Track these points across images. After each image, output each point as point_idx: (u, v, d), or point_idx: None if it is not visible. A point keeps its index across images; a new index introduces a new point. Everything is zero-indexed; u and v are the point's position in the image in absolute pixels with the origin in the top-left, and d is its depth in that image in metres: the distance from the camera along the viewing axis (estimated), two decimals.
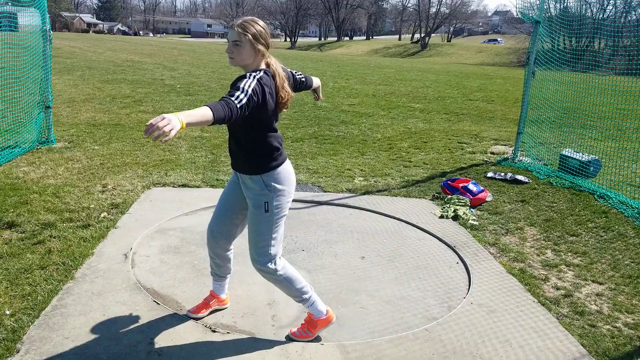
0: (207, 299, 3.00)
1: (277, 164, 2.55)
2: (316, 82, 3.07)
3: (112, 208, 4.54)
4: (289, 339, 2.78)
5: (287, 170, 2.61)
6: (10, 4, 6.08)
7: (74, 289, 3.12)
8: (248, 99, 2.24)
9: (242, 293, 3.25)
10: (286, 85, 2.52)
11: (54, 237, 3.82)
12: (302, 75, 2.92)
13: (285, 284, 2.66)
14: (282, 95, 2.48)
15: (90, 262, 3.49)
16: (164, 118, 1.92)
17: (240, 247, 3.92)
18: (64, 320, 2.78)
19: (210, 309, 2.98)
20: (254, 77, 2.35)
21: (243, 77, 2.35)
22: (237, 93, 2.24)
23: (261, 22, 2.46)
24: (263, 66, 2.48)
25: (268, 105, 2.40)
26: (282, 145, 2.61)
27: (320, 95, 3.16)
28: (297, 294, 2.70)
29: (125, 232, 4.04)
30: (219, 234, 2.79)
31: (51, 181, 5.14)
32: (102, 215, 4.35)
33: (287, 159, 2.65)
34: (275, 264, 2.61)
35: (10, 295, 2.99)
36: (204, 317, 2.93)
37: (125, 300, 3.04)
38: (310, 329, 2.77)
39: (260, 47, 2.42)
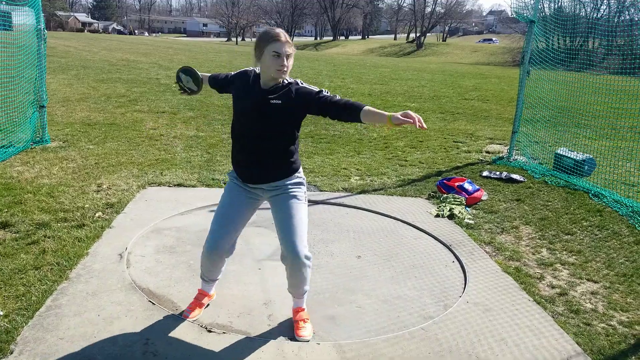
0: (197, 297, 2.99)
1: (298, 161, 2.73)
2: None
3: (107, 208, 4.53)
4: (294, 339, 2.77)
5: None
6: (4, 2, 6.04)
7: (68, 289, 3.11)
8: None
9: (238, 293, 3.24)
10: None
11: (49, 237, 3.80)
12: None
13: (309, 273, 2.71)
14: None
15: (85, 262, 3.48)
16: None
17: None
18: (59, 321, 2.77)
19: (204, 307, 3.00)
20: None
21: (305, 87, 2.56)
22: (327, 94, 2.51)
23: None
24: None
25: None
26: None
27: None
28: (302, 290, 2.79)
29: (120, 232, 4.02)
30: (225, 250, 2.77)
31: (45, 181, 5.11)
32: (97, 215, 4.33)
33: None
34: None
35: (4, 296, 2.97)
36: (199, 317, 2.92)
37: (121, 300, 3.03)
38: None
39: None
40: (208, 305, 3.04)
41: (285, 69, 2.48)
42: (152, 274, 3.40)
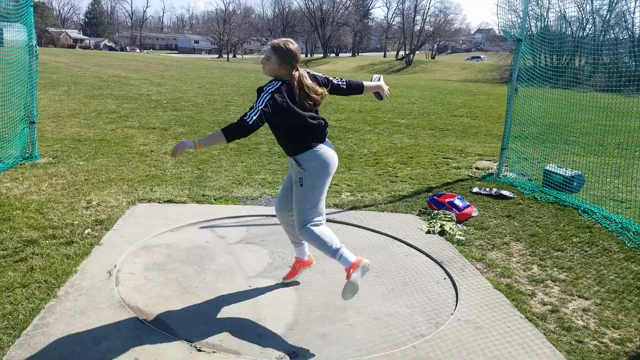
0: (294, 265, 3.65)
1: (307, 147, 3.09)
2: (368, 84, 3.45)
3: (96, 224, 4.48)
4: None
5: (320, 152, 3.12)
6: None
7: (56, 308, 3.06)
8: (259, 116, 2.90)
9: (228, 311, 3.20)
10: (311, 88, 3.09)
11: (37, 254, 3.75)
12: (343, 81, 3.38)
13: (319, 233, 3.15)
14: (306, 95, 3.07)
15: (73, 279, 3.43)
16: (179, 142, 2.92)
17: (226, 264, 3.89)
18: (46, 340, 2.72)
19: (300, 271, 3.66)
20: (269, 91, 2.98)
21: (261, 89, 3.01)
22: (249, 112, 2.92)
23: (292, 44, 3.09)
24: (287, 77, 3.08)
25: (283, 110, 2.98)
26: (318, 132, 3.14)
27: (384, 92, 3.52)
28: (328, 252, 3.15)
29: (110, 249, 3.98)
30: (279, 209, 3.47)
31: (34, 197, 5.06)
32: (86, 231, 4.29)
33: (324, 144, 3.17)
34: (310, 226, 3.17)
35: None
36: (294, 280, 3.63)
37: (109, 319, 2.99)
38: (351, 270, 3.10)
39: (284, 63, 3.05)
40: (286, 284, 3.63)
41: (263, 67, 3.13)
42: (141, 292, 3.36)
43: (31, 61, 6.26)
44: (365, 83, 3.43)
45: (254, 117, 2.88)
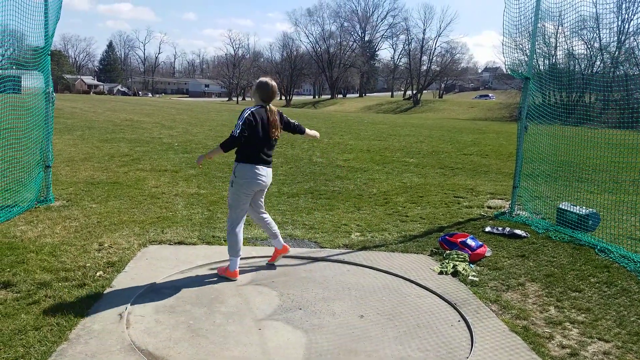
0: (274, 254, 4.82)
1: (243, 161, 4.24)
2: (309, 131, 4.77)
3: (108, 267, 4.49)
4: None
5: (246, 167, 4.24)
6: (15, 67, 6.24)
7: (67, 351, 3.03)
8: (241, 130, 4.11)
9: (238, 354, 3.15)
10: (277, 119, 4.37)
11: (49, 297, 3.75)
12: (294, 121, 4.61)
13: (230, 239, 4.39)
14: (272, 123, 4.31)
15: (84, 322, 3.41)
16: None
17: (235, 306, 3.85)
18: None
19: (278, 257, 4.82)
20: (248, 110, 4.24)
21: (244, 110, 4.23)
22: (235, 128, 4.13)
23: (261, 80, 4.44)
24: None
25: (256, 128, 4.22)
26: (260, 154, 4.25)
27: (311, 134, 4.85)
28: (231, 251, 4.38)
29: (121, 291, 3.97)
30: (251, 213, 4.60)
31: (48, 240, 5.10)
32: (97, 274, 4.29)
33: (256, 164, 4.24)
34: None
35: (4, 357, 2.91)
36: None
37: None
38: (224, 273, 4.42)
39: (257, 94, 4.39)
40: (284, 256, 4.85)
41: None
42: (151, 335, 3.33)
43: (47, 107, 6.42)
44: (307, 130, 4.71)
45: (238, 131, 4.08)
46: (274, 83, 4.39)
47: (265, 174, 4.34)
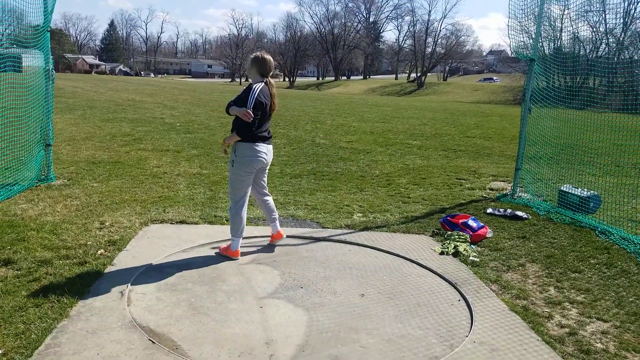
0: (271, 238, 4.81)
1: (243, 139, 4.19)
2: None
3: (109, 245, 4.50)
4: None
5: (247, 145, 4.20)
6: (15, 46, 6.19)
7: (68, 327, 3.05)
8: (254, 114, 4.07)
9: (239, 332, 3.17)
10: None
11: (50, 275, 3.76)
12: None
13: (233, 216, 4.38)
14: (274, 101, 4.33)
15: (85, 299, 3.43)
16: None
17: (237, 284, 3.87)
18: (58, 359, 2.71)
19: (273, 242, 4.80)
20: (257, 90, 4.13)
21: (251, 89, 4.13)
22: (247, 106, 4.10)
23: (256, 55, 4.33)
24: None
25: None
26: (261, 132, 4.23)
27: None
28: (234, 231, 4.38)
29: (122, 270, 3.98)
30: (253, 193, 4.56)
31: (49, 218, 5.11)
32: (99, 252, 4.30)
33: (257, 141, 4.21)
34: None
35: (4, 334, 2.93)
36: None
37: (121, 339, 2.97)
38: (226, 253, 4.43)
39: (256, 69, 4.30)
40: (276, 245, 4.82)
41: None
42: (152, 312, 3.35)
43: (47, 84, 6.39)
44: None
45: (251, 117, 4.04)
46: (269, 56, 4.31)
47: (266, 150, 4.32)
